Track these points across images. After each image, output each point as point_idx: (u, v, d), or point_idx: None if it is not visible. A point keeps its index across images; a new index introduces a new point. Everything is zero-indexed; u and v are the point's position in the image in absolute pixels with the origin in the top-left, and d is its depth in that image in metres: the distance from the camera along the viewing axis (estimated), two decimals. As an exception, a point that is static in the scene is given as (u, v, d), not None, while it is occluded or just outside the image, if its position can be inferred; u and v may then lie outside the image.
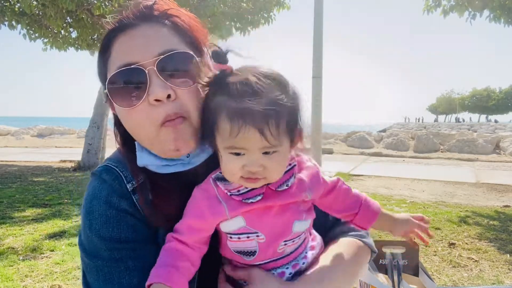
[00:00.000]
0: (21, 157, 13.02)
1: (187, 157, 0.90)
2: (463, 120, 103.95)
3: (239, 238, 0.85)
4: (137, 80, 0.85)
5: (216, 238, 0.90)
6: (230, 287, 0.91)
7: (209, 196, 0.84)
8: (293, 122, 0.79)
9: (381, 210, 0.98)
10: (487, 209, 6.45)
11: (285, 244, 0.87)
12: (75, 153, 12.92)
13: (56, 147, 17.21)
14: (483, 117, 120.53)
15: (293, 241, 0.88)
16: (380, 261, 1.22)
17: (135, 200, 0.90)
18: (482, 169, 11.42)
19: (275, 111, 0.74)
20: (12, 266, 3.82)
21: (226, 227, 0.85)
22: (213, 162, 0.89)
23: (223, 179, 0.84)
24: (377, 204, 0.99)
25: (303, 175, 0.89)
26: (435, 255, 4.29)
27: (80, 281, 0.94)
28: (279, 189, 0.83)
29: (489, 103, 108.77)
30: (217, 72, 0.80)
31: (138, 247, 0.88)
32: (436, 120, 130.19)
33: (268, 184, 0.83)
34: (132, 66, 0.84)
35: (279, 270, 0.89)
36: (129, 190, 0.90)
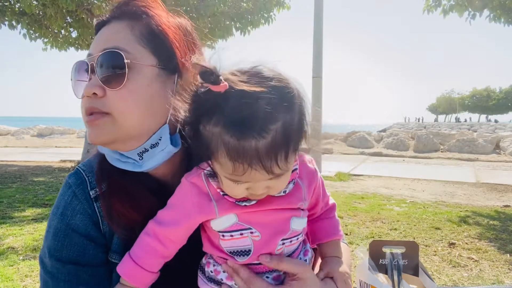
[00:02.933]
0: (21, 157, 13.00)
1: (140, 159, 0.87)
2: (465, 120, 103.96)
3: (231, 236, 0.79)
4: (83, 74, 0.86)
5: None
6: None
7: (200, 192, 0.79)
8: (301, 139, 0.71)
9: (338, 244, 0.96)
10: (487, 209, 6.44)
11: (283, 244, 0.81)
12: (75, 153, 12.93)
13: (56, 147, 17.20)
14: (483, 117, 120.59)
15: (291, 241, 0.82)
16: (380, 261, 1.22)
17: (96, 208, 0.88)
18: (482, 169, 11.41)
19: (283, 142, 0.66)
20: (12, 266, 3.81)
21: (218, 225, 0.79)
22: (181, 170, 0.88)
23: (215, 176, 0.76)
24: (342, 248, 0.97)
25: (304, 181, 0.85)
26: (435, 255, 4.29)
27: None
28: (275, 195, 0.79)
29: (489, 103, 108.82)
30: (207, 89, 0.68)
31: (74, 271, 0.86)
32: (436, 120, 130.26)
33: None
34: (83, 59, 0.86)
35: (274, 274, 0.82)
36: (92, 197, 0.88)
